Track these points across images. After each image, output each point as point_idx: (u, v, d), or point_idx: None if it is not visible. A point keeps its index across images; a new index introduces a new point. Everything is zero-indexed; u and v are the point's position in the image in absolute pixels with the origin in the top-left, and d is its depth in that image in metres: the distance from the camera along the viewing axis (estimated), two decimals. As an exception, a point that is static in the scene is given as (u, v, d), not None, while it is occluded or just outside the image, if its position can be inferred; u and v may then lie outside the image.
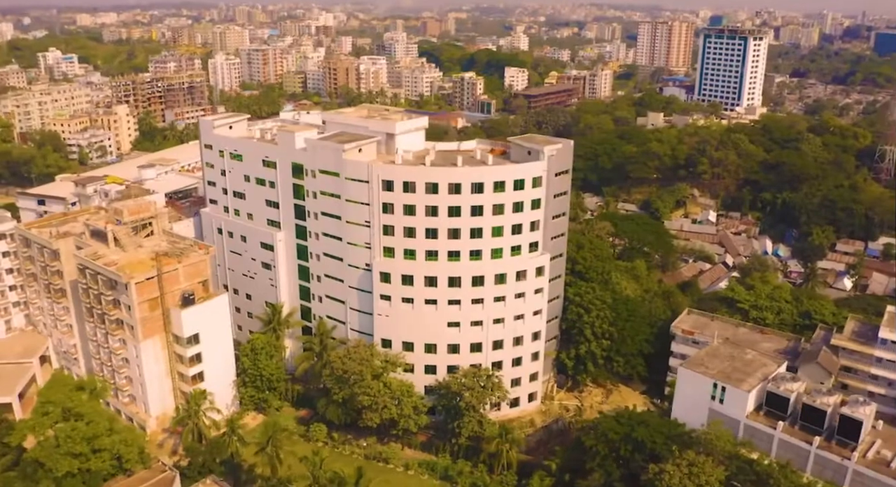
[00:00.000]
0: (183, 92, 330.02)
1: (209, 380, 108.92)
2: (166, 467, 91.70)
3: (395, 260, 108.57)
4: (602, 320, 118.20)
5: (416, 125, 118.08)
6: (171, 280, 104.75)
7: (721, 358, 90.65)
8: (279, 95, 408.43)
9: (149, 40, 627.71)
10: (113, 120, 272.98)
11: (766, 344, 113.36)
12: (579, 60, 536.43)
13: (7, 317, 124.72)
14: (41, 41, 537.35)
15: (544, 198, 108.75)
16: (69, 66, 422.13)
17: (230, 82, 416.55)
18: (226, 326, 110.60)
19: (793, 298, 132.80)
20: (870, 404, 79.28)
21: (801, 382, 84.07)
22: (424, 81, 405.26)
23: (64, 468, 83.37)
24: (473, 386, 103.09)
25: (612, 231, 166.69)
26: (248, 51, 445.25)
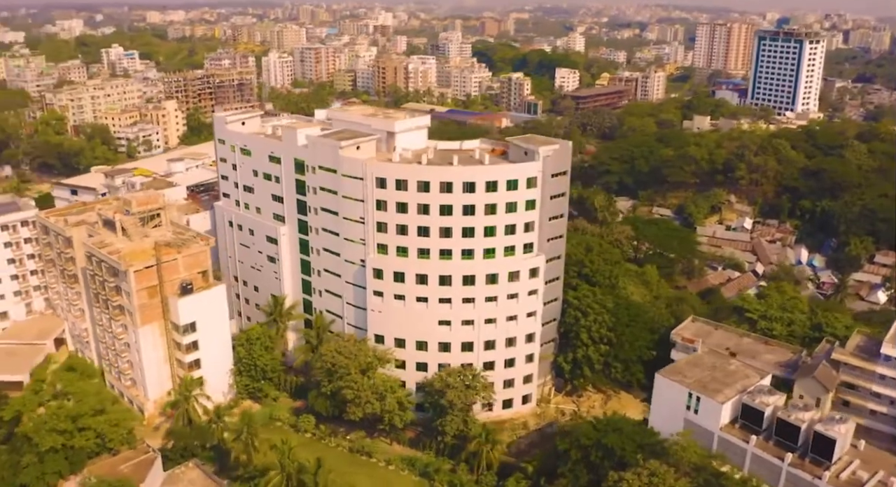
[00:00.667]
0: (233, 88, 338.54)
1: (206, 368, 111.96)
2: (150, 449, 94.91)
3: (388, 256, 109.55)
4: (600, 324, 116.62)
5: (417, 124, 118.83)
6: (171, 269, 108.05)
7: (702, 367, 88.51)
8: (329, 93, 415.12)
9: (211, 38, 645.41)
10: (161, 115, 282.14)
11: (768, 355, 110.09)
12: (635, 62, 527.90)
13: (28, 300, 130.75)
14: (108, 38, 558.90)
15: (539, 199, 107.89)
16: (130, 61, 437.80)
17: (282, 80, 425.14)
18: (223, 316, 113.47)
19: (809, 310, 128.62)
20: (847, 422, 76.11)
21: (779, 396, 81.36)
22: (473, 81, 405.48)
23: (48, 443, 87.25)
24: (457, 385, 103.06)
25: (633, 235, 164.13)
26: (301, 49, 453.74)
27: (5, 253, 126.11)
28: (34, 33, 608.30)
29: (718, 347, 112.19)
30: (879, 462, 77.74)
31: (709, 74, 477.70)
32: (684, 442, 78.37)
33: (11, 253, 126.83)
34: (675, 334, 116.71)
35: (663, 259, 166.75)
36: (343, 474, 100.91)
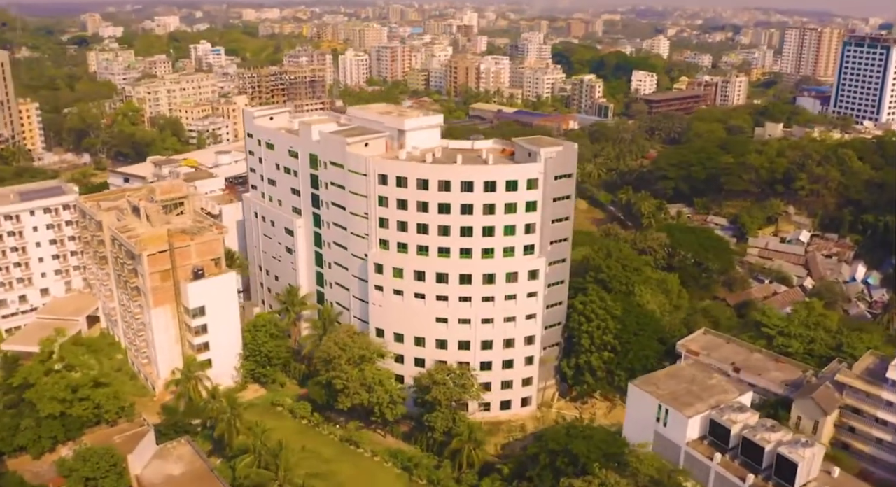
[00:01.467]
0: (304, 85, 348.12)
1: (214, 351, 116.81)
2: (145, 423, 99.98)
3: (389, 252, 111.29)
4: (604, 331, 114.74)
5: (429, 123, 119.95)
6: (184, 255, 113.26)
7: (680, 379, 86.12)
8: (401, 92, 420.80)
9: (298, 36, 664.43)
10: (231, 109, 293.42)
11: (776, 372, 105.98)
12: (721, 66, 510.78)
13: (68, 279, 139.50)
14: (200, 34, 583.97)
15: (541, 200, 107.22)
16: (216, 57, 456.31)
17: (357, 78, 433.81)
18: (233, 302, 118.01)
19: (836, 329, 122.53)
20: (813, 446, 72.54)
21: (750, 414, 78.23)
22: (545, 82, 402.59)
23: (47, 409, 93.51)
24: (444, 382, 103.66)
25: (667, 242, 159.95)
26: (377, 48, 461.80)
27: (48, 235, 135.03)
28: (133, 28, 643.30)
29: (725, 361, 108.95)
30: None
31: (796, 81, 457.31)
32: (642, 454, 76.54)
33: (53, 234, 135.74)
34: (680, 345, 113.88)
35: (700, 269, 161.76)
36: (328, 461, 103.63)
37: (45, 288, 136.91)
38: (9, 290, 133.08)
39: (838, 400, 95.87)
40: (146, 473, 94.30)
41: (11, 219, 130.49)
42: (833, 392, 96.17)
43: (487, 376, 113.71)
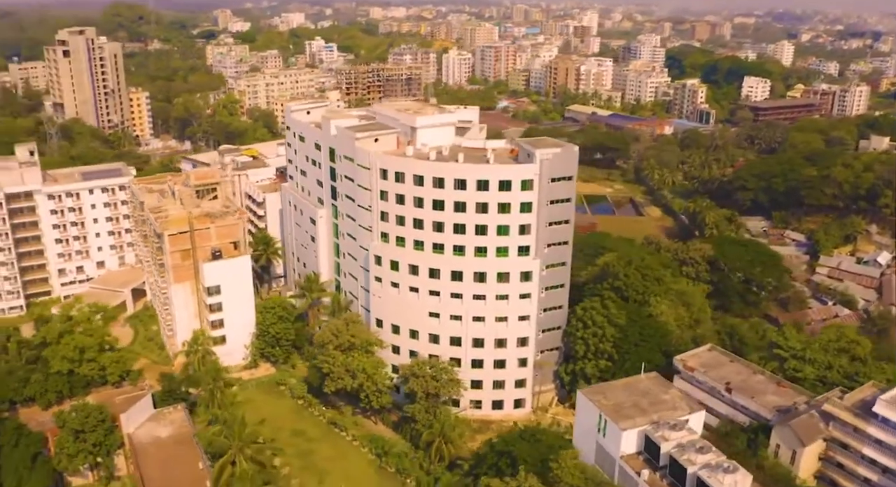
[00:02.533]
0: (400, 83, 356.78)
1: (228, 328, 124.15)
2: (145, 386, 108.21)
3: (388, 245, 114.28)
4: (601, 339, 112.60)
5: (442, 121, 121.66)
6: (204, 237, 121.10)
7: (632, 391, 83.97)
8: (500, 92, 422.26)
9: (415, 34, 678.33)
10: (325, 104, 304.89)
11: (772, 396, 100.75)
12: (848, 74, 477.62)
13: (121, 254, 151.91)
14: (320, 31, 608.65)
15: (536, 202, 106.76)
16: (328, 54, 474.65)
17: (459, 77, 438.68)
18: (247, 283, 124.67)
19: (865, 357, 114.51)
20: (737, 472, 68.99)
21: (686, 432, 75.36)
22: (648, 86, 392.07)
23: (56, 366, 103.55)
24: (423, 375, 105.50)
25: (709, 255, 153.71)
26: (481, 48, 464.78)
27: (104, 212, 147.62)
28: (261, 25, 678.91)
29: (721, 380, 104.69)
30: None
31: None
32: (569, 463, 75.52)
33: (110, 212, 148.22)
34: (677, 360, 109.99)
35: (747, 285, 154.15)
36: (311, 440, 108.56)
37: (101, 261, 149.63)
38: (68, 261, 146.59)
39: (822, 431, 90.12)
40: (138, 432, 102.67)
41: (73, 196, 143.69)
42: (818, 422, 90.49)
43: (478, 374, 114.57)
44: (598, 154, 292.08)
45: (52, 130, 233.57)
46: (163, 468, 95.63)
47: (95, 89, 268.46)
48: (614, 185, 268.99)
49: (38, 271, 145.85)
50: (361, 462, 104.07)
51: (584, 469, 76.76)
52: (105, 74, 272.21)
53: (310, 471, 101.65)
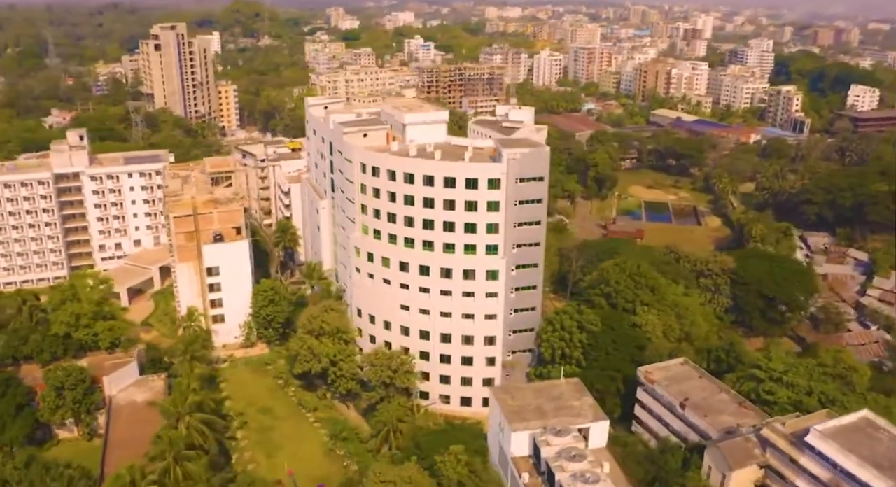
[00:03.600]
0: (482, 82, 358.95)
1: (226, 308, 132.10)
2: (133, 355, 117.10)
3: (367, 237, 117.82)
4: (568, 343, 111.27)
5: (433, 118, 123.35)
6: (207, 220, 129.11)
7: (542, 394, 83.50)
8: (589, 94, 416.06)
9: (519, 34, 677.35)
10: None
11: (727, 416, 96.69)
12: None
13: (157, 234, 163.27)
14: (425, 30, 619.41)
15: (503, 201, 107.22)
16: (425, 53, 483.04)
17: (550, 78, 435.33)
18: (245, 266, 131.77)
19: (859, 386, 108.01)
20: (597, 483, 67.69)
21: (571, 438, 74.37)
22: (744, 92, 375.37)
23: (54, 329, 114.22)
24: (379, 365, 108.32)
25: (730, 267, 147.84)
26: (575, 49, 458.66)
27: (142, 195, 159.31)
28: (373, 23, 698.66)
29: (680, 395, 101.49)
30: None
31: None
32: (447, 457, 76.42)
33: (147, 194, 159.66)
34: (641, 371, 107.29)
35: (768, 302, 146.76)
36: (276, 418, 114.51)
37: (138, 239, 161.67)
38: (108, 237, 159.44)
39: (757, 456, 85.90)
40: (120, 395, 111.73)
41: (113, 178, 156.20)
42: (753, 447, 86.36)
43: (447, 369, 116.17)
44: (671, 160, 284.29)
45: (137, 118, 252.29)
46: (129, 428, 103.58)
47: (184, 81, 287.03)
48: (680, 193, 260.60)
49: (82, 246, 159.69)
50: (315, 442, 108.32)
51: (472, 464, 77.32)
52: (194, 67, 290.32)
53: (264, 446, 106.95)
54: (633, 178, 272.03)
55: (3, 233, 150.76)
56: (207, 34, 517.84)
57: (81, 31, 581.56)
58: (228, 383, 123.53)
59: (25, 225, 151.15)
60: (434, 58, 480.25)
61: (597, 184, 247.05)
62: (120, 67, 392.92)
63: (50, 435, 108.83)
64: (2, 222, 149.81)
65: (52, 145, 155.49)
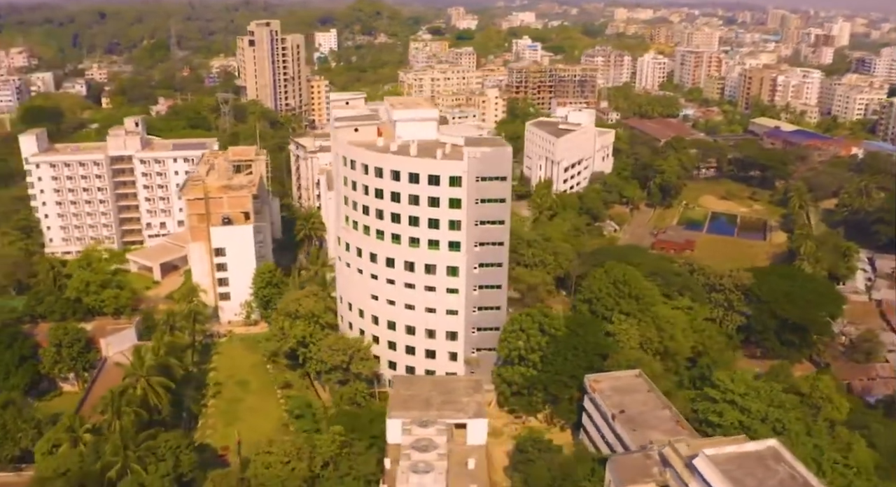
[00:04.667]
0: (573, 84, 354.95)
1: (231, 286, 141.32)
2: (133, 321, 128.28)
3: (347, 227, 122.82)
4: (523, 345, 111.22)
5: (422, 116, 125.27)
6: (217, 204, 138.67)
7: (438, 388, 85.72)
8: (691, 99, 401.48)
9: (637, 37, 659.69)
10: (482, 101, 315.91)
11: (658, 433, 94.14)
12: None
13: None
14: (540, 31, 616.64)
15: (465, 199, 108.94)
16: (532, 53, 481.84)
17: (652, 81, 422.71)
18: (249, 249, 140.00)
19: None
20: (427, 473, 68.62)
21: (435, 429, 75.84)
22: (857, 103, 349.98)
23: (67, 293, 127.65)
24: (337, 349, 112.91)
25: (744, 284, 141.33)
26: (681, 52, 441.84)
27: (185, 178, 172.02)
28: (496, 22, 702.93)
29: (618, 406, 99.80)
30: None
31: None
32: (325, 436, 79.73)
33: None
34: (588, 378, 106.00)
35: (784, 325, 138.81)
36: (249, 392, 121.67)
37: (181, 220, 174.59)
38: (154, 216, 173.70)
39: (654, 475, 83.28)
40: (115, 357, 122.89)
41: (160, 162, 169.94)
42: (653, 465, 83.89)
43: (411, 361, 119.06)
44: (755, 171, 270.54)
45: (225, 108, 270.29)
46: (110, 386, 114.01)
47: (275, 75, 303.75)
48: (754, 206, 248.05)
49: (132, 223, 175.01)
50: (274, 417, 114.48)
51: (351, 444, 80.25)
52: (286, 62, 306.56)
53: (227, 416, 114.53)
54: (708, 188, 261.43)
55: (63, 207, 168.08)
56: (325, 31, 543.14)
57: (214, 26, 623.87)
58: (220, 356, 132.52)
59: (83, 201, 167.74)
60: (540, 58, 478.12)
61: (662, 191, 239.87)
62: (234, 61, 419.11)
63: (55, 387, 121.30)
64: (62, 197, 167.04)
65: (110, 130, 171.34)
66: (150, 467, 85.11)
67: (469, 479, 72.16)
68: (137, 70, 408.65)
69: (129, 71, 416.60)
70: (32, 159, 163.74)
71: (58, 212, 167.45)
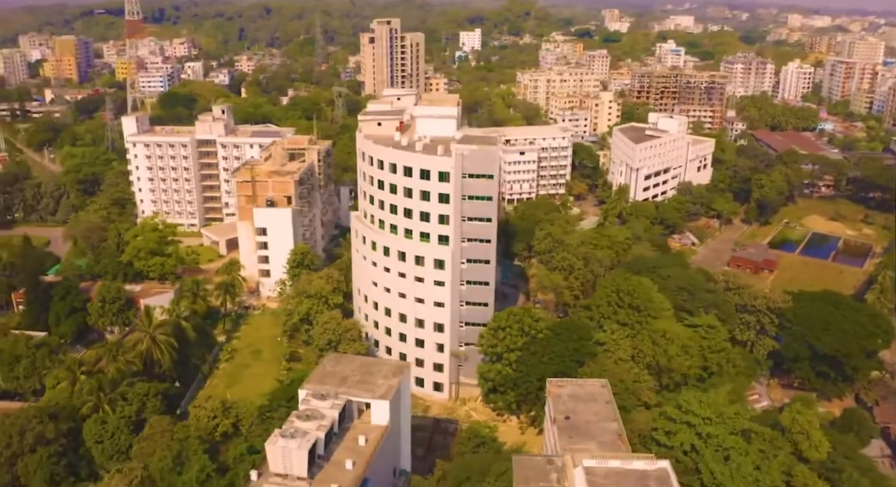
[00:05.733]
0: (699, 91, 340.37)
1: (271, 263, 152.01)
2: (174, 287, 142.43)
3: (359, 215, 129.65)
4: (499, 342, 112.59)
5: (439, 113, 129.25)
6: (263, 188, 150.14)
7: (362, 369, 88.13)
8: (836, 112, 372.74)
9: (798, 45, 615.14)
10: (595, 104, 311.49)
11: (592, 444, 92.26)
12: None
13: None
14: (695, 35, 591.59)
15: (453, 195, 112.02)
16: (675, 57, 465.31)
17: (795, 91, 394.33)
18: (288, 230, 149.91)
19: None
20: (302, 437, 72.53)
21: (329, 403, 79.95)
22: None
23: (122, 258, 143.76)
24: (327, 329, 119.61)
25: (781, 307, 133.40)
26: (832, 62, 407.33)
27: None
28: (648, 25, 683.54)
29: (567, 412, 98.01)
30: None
31: None
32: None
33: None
34: (550, 382, 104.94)
35: (816, 355, 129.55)
36: (260, 360, 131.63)
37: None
38: (231, 196, 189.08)
39: (550, 481, 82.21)
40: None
41: (238, 147, 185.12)
42: (551, 471, 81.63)
43: (403, 347, 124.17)
44: (877, 192, 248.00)
45: (338, 101, 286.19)
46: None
47: (393, 71, 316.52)
48: (864, 229, 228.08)
49: (215, 201, 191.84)
50: (270, 385, 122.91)
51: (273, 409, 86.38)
52: (404, 59, 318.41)
53: (231, 379, 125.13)
54: (817, 207, 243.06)
55: (154, 183, 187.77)
56: (470, 31, 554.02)
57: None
58: (248, 327, 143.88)
59: (171, 178, 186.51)
60: (684, 63, 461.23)
61: (759, 207, 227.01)
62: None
63: (101, 338, 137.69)
64: (154, 174, 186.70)
65: (199, 116, 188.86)
66: (118, 408, 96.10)
67: (351, 453, 76.07)
68: (283, 63, 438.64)
69: (276, 64, 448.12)
70: (130, 139, 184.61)
71: (150, 187, 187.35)
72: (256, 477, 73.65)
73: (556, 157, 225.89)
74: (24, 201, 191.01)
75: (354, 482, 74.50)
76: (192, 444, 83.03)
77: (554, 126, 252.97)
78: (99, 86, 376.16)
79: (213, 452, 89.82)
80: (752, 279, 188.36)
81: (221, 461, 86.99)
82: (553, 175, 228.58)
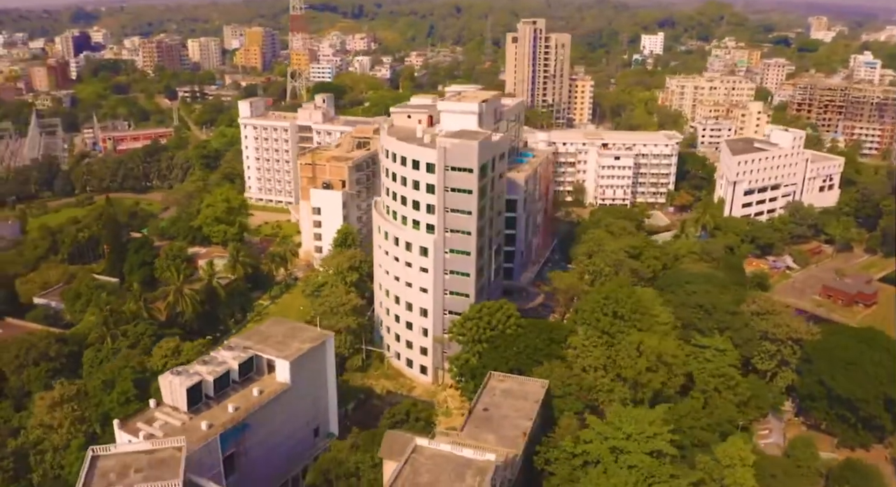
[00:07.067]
0: (869, 106, 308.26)
1: (323, 240, 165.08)
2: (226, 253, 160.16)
3: (379, 201, 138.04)
4: (466, 333, 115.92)
5: (460, 108, 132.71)
6: (321, 171, 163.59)
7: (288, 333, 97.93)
8: None
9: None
10: (742, 115, 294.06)
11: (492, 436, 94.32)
12: None
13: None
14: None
15: (438, 186, 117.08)
16: (868, 71, 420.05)
17: None
18: (338, 210, 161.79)
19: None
20: (178, 376, 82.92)
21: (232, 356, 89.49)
22: None
23: (194, 222, 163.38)
24: (324, 301, 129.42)
25: (798, 337, 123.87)
26: None
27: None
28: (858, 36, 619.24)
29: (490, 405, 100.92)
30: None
31: None
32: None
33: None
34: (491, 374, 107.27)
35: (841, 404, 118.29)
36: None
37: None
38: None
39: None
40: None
41: (330, 134, 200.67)
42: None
43: (397, 328, 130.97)
44: None
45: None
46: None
47: (535, 72, 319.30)
48: None
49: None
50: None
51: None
52: (548, 60, 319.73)
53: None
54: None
55: (260, 162, 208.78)
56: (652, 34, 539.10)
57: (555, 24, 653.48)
58: (289, 295, 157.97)
59: (273, 159, 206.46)
60: (879, 79, 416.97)
61: (884, 236, 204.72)
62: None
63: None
64: (260, 154, 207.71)
65: (304, 104, 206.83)
66: (117, 342, 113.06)
67: (241, 400, 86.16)
68: (455, 60, 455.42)
69: (447, 60, 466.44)
70: (243, 121, 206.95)
71: (256, 165, 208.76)
72: (154, 405, 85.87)
73: (657, 165, 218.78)
74: (159, 171, 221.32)
75: (231, 421, 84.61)
76: (125, 373, 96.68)
77: (659, 133, 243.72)
78: (275, 74, 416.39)
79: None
80: (840, 312, 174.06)
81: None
82: (654, 182, 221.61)
